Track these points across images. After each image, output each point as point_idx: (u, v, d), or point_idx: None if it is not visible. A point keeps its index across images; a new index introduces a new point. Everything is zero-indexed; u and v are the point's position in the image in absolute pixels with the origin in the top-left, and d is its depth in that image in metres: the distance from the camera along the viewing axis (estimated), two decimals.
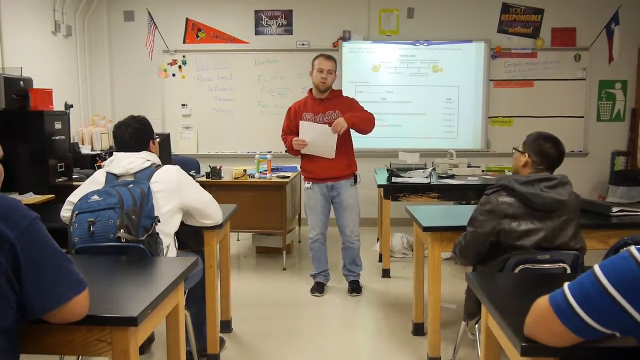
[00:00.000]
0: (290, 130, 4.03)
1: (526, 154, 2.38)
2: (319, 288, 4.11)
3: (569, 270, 2.22)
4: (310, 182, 4.02)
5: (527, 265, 2.22)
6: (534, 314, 1.32)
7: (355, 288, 4.11)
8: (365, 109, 4.02)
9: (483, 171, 4.96)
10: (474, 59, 6.43)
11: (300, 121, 3.90)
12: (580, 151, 6.53)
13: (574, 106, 6.47)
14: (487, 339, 1.87)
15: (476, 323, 2.46)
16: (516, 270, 2.21)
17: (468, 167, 4.93)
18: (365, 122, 3.91)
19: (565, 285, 1.24)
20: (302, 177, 4.12)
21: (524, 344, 1.36)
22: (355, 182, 4.07)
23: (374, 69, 6.44)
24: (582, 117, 6.50)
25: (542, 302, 1.28)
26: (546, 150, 2.34)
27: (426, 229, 2.84)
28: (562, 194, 2.24)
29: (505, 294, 1.86)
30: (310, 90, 4.05)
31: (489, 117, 6.51)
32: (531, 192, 2.23)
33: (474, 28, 6.40)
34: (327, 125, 3.83)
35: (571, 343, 1.26)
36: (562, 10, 6.36)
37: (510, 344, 1.49)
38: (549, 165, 2.35)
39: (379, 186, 4.70)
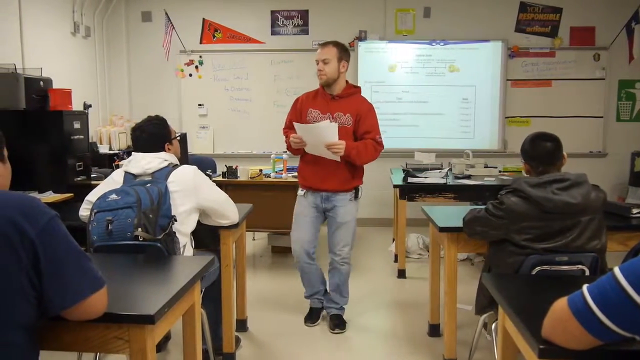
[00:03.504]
0: (293, 124, 3.40)
1: (523, 162, 2.40)
2: (312, 316, 3.55)
3: (587, 272, 2.19)
4: (304, 190, 3.43)
5: (544, 267, 2.19)
6: (553, 316, 1.30)
7: (338, 324, 3.44)
8: (378, 125, 3.36)
9: (500, 172, 4.92)
10: (491, 58, 6.38)
11: (295, 123, 3.26)
12: (599, 152, 6.45)
13: (592, 106, 6.39)
14: (504, 341, 1.85)
15: (493, 323, 2.44)
16: (533, 272, 2.19)
17: (485, 167, 4.90)
18: (363, 157, 3.26)
19: (585, 287, 1.22)
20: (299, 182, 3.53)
21: (542, 347, 1.34)
22: (356, 196, 3.41)
23: (390, 69, 6.43)
24: (602, 117, 6.41)
25: (561, 304, 1.27)
26: (535, 150, 2.32)
27: (442, 230, 2.83)
28: (574, 196, 2.16)
29: (523, 296, 1.84)
30: None
31: (506, 117, 6.46)
32: (541, 195, 2.17)
33: (491, 27, 6.35)
34: (325, 122, 3.19)
35: (590, 346, 1.25)
36: (581, 9, 6.29)
37: (527, 346, 1.48)
38: (546, 162, 2.29)
39: (395, 186, 4.68)
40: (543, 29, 6.37)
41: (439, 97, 6.41)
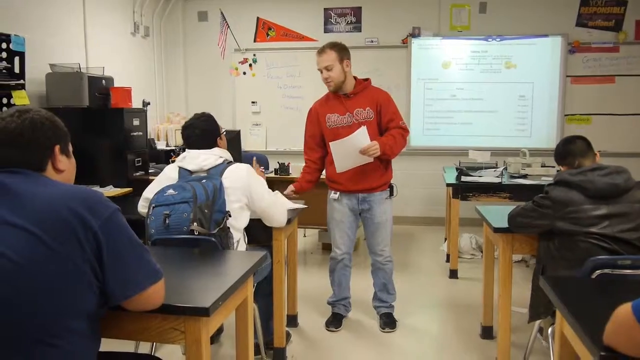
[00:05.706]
0: (315, 141, 3.39)
1: (561, 167, 2.58)
2: (335, 321, 3.48)
3: None
4: (338, 193, 3.37)
5: (605, 271, 2.11)
6: (615, 322, 1.25)
7: (388, 322, 3.45)
8: (398, 110, 3.33)
9: (558, 171, 4.72)
10: (549, 54, 6.17)
11: (330, 143, 3.19)
12: None
13: None
14: (561, 347, 1.79)
15: (549, 328, 2.37)
16: (593, 276, 2.11)
17: (542, 166, 4.75)
18: (395, 150, 3.22)
19: None
20: (328, 186, 3.47)
21: (603, 353, 1.30)
22: (391, 194, 3.40)
23: (444, 66, 6.32)
24: None
25: (625, 310, 1.22)
26: (569, 149, 2.52)
27: (497, 230, 2.76)
28: (616, 179, 2.26)
29: (583, 300, 1.77)
30: None
31: (565, 115, 6.23)
32: (583, 179, 2.29)
33: (550, 22, 6.14)
34: (358, 130, 3.09)
35: None
36: None
37: (587, 353, 1.43)
38: (581, 155, 2.47)
39: (448, 185, 4.60)
40: (606, 22, 6.11)
41: (494, 94, 6.26)
